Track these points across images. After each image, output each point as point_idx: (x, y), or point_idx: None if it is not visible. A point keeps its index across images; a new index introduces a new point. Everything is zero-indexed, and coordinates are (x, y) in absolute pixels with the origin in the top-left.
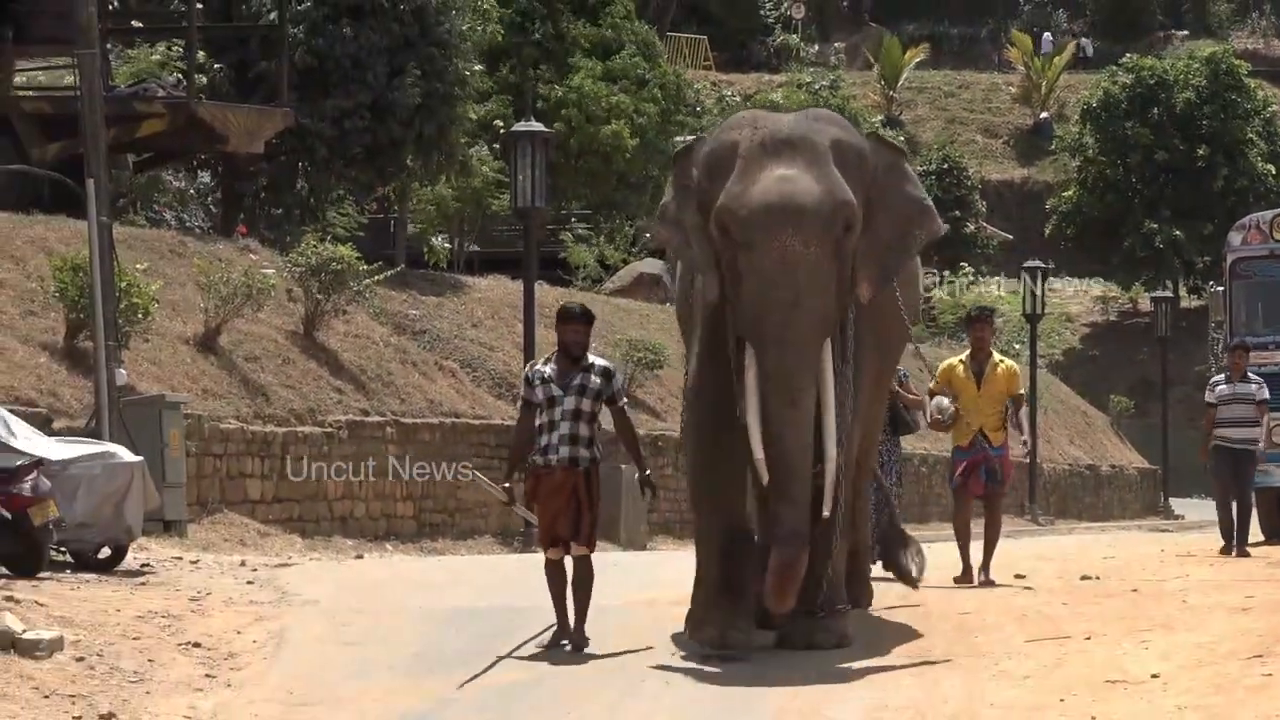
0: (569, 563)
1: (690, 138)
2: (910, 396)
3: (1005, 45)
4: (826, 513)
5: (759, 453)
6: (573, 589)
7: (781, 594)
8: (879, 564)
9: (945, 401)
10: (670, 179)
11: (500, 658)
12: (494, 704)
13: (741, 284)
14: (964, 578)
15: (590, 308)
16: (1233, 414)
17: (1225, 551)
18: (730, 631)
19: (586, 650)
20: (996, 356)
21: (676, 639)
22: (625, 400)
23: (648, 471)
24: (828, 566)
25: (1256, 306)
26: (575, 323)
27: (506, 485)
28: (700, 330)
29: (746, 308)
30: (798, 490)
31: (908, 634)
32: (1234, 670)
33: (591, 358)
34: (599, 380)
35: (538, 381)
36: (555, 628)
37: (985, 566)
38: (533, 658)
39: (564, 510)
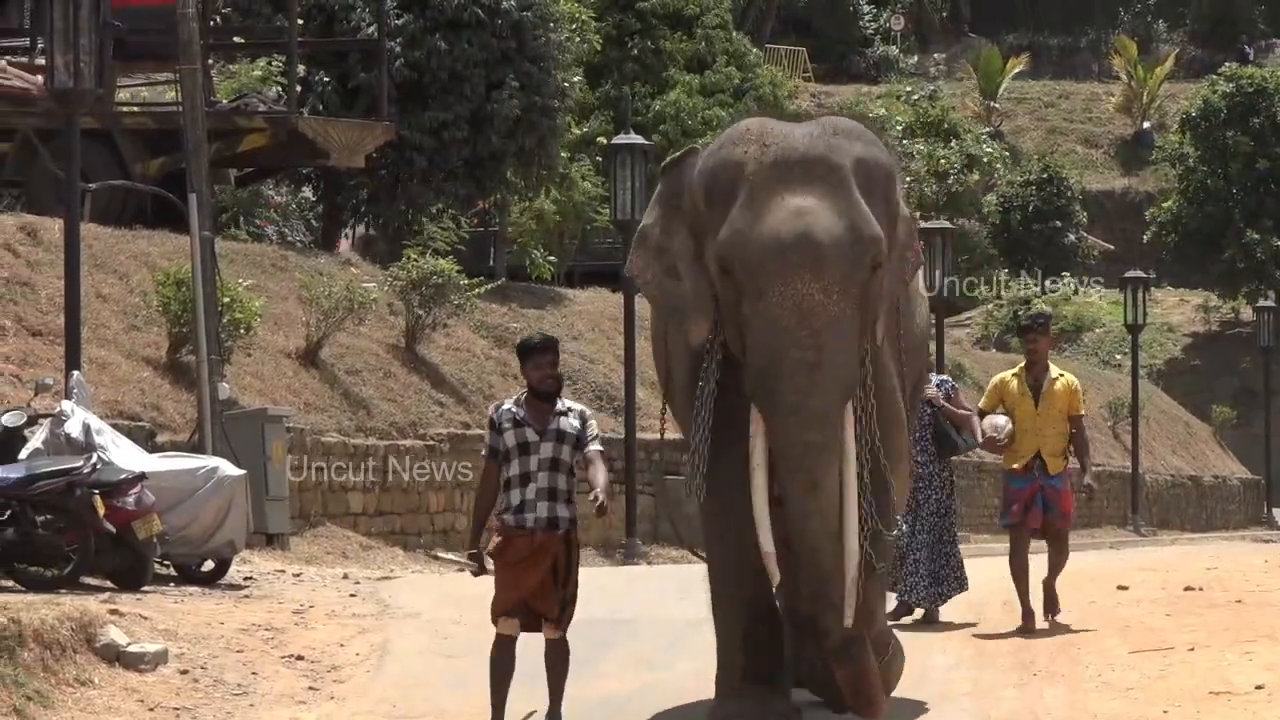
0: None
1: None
2: (960, 412)
3: (1106, 53)
4: (848, 621)
5: (767, 546)
6: (548, 667)
7: (872, 706)
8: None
9: (1002, 420)
10: (655, 197)
11: None
12: (598, 716)
13: (749, 338)
14: (1027, 624)
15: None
16: None
17: None
18: (770, 717)
19: None
20: (1055, 370)
21: None
22: (600, 448)
23: (601, 502)
24: (864, 621)
25: None
26: (539, 355)
27: (473, 552)
28: (685, 382)
29: (756, 366)
30: (835, 592)
31: (1011, 647)
32: None
33: (566, 401)
34: (576, 424)
35: (508, 425)
36: None
37: (1050, 590)
38: None
39: (541, 581)
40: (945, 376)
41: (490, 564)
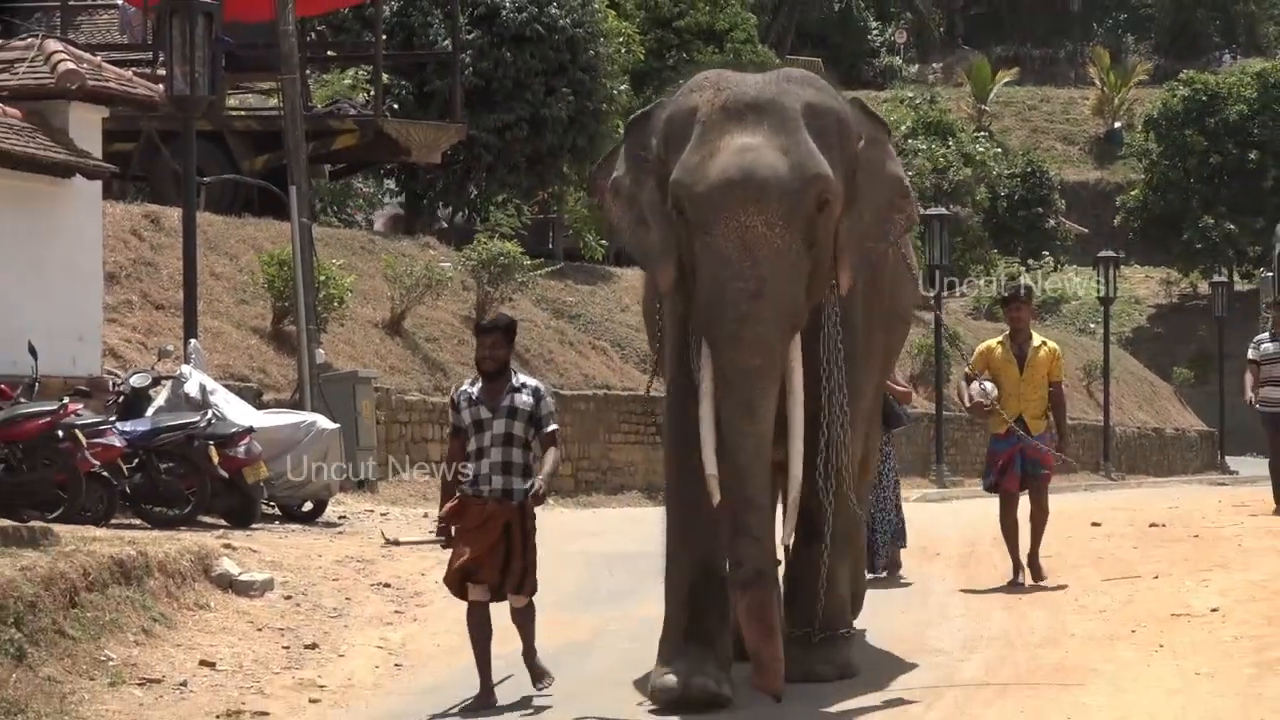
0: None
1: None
2: (900, 389)
3: (1083, 63)
4: (788, 540)
5: (710, 468)
6: (517, 626)
7: (760, 645)
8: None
9: (989, 385)
10: (623, 150)
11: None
12: (644, 634)
13: (698, 272)
14: (1015, 580)
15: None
16: (1276, 374)
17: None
18: (695, 678)
19: (550, 681)
20: (1038, 338)
21: (640, 685)
22: (555, 426)
23: (538, 490)
24: (822, 589)
25: None
26: (483, 336)
27: (441, 525)
28: (670, 334)
29: (702, 299)
30: (756, 522)
31: (999, 576)
32: None
33: (522, 378)
34: (530, 401)
35: (464, 403)
36: (479, 690)
37: (1034, 561)
38: None
39: (492, 550)
40: None
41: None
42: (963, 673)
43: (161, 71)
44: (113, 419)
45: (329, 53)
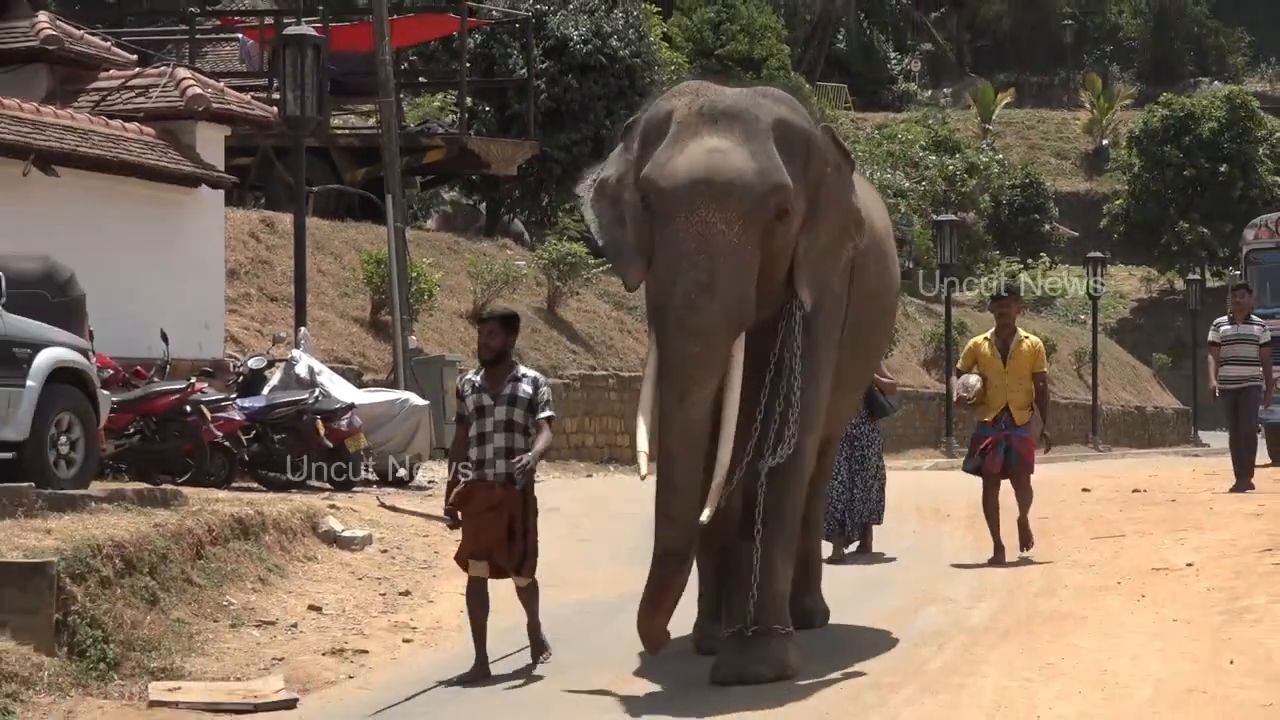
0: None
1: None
2: (885, 380)
3: (1075, 88)
4: (704, 518)
5: (642, 444)
6: (522, 603)
7: (648, 613)
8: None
9: (973, 379)
10: (614, 152)
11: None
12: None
13: (655, 261)
14: (996, 558)
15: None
16: (1235, 354)
17: (1237, 490)
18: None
19: (548, 655)
20: (1022, 333)
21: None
22: (550, 412)
23: (525, 465)
24: (757, 584)
25: (1265, 285)
26: (482, 326)
27: (449, 507)
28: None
29: (655, 286)
30: (676, 505)
31: (1002, 535)
32: (1250, 560)
33: (523, 369)
34: (529, 390)
35: (468, 391)
36: (475, 661)
37: (1025, 539)
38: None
39: (499, 534)
40: None
41: (460, 515)
42: (970, 619)
43: (276, 96)
44: (233, 396)
45: (420, 79)
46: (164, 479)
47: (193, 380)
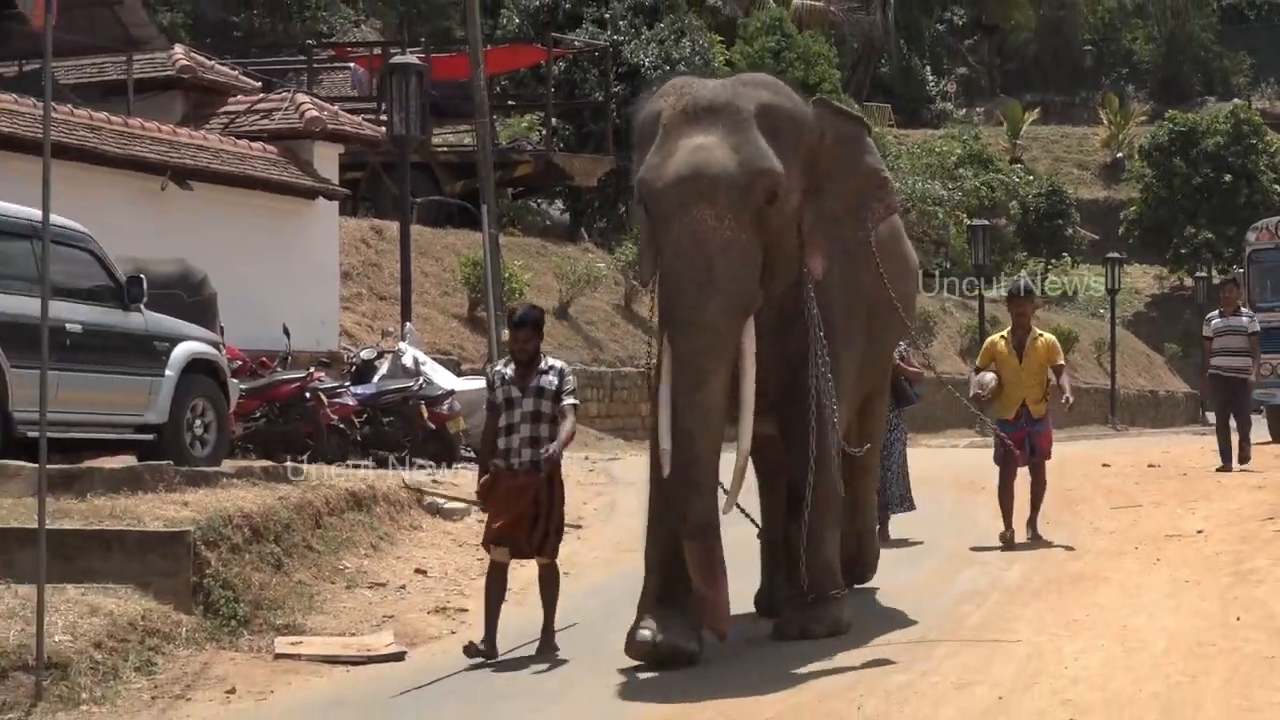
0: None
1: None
2: (912, 370)
3: (1094, 106)
4: (728, 510)
5: (664, 443)
6: (540, 589)
7: (704, 590)
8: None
9: (988, 376)
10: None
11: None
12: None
13: (660, 263)
14: (1007, 540)
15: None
16: (1226, 345)
17: (1224, 469)
18: (665, 634)
19: (558, 657)
20: (1036, 330)
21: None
22: (574, 400)
23: (550, 454)
24: (809, 552)
25: (1266, 283)
26: (516, 329)
27: (479, 490)
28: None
29: (662, 289)
30: (702, 476)
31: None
32: (1254, 528)
33: (550, 360)
34: (555, 380)
35: (498, 383)
36: (484, 640)
37: (1033, 523)
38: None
39: (524, 516)
40: (902, 342)
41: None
42: (1005, 580)
43: (384, 117)
44: (347, 384)
45: (510, 102)
46: (286, 457)
47: (311, 370)
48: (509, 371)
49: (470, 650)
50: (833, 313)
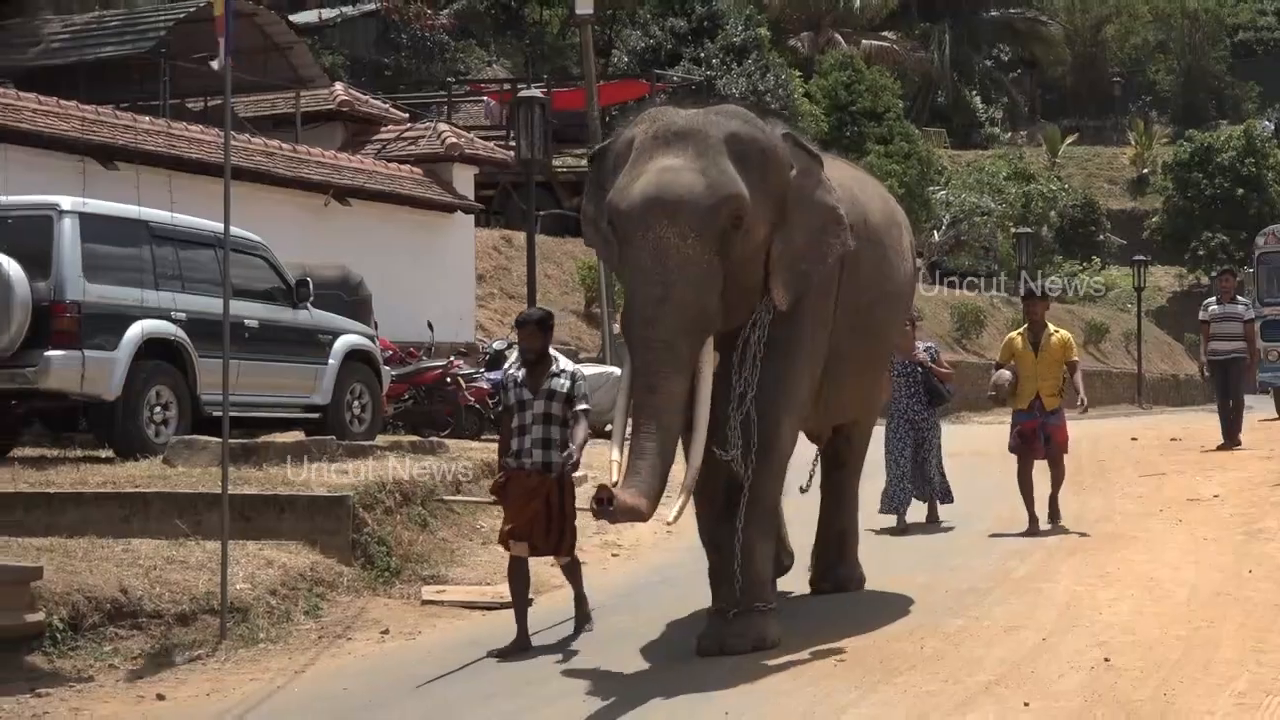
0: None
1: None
2: (944, 370)
3: (1123, 129)
4: (671, 519)
5: (615, 455)
6: (565, 576)
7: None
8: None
9: (1006, 375)
10: (588, 181)
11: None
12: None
13: (624, 280)
14: (1031, 528)
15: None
16: (1223, 330)
17: (1224, 448)
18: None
19: (590, 628)
20: (1052, 328)
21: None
22: (586, 405)
23: (571, 458)
24: (739, 564)
25: (1273, 281)
26: (521, 329)
27: (494, 492)
28: None
29: (625, 305)
30: (645, 467)
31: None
32: (1264, 492)
33: (562, 364)
34: (566, 383)
35: (511, 385)
36: (516, 634)
37: (1054, 513)
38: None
39: (537, 517)
40: (931, 344)
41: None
42: (1046, 539)
43: (512, 143)
44: (482, 370)
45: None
46: (430, 433)
47: (451, 358)
48: (521, 374)
49: (508, 653)
50: (798, 335)
